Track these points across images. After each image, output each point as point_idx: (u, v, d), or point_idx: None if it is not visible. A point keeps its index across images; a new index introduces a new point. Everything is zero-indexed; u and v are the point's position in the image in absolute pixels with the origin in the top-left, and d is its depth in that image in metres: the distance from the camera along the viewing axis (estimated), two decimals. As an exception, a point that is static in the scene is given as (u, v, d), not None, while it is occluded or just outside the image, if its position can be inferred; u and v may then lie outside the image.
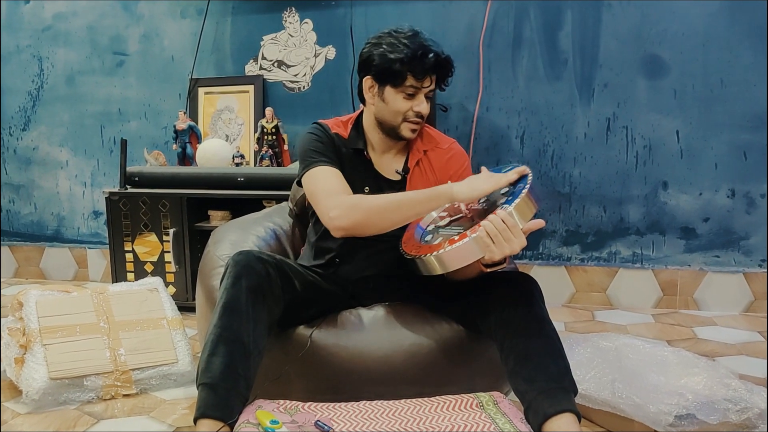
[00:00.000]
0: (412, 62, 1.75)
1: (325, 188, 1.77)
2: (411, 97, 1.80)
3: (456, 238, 1.55)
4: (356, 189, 1.83)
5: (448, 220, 1.73)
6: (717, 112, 2.99)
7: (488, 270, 1.59)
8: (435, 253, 1.55)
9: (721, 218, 3.04)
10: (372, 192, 1.85)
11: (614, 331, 2.69)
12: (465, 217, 1.71)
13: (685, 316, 3.00)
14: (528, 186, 1.55)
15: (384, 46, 1.79)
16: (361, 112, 1.95)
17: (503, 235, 1.48)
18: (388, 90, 1.80)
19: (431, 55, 1.76)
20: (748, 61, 2.93)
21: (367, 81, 1.84)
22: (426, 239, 1.69)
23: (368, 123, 1.91)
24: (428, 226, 1.76)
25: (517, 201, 1.51)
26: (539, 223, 1.54)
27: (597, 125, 3.11)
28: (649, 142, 3.07)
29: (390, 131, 1.85)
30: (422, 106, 1.80)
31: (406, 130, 1.83)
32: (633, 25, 3.02)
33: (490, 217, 1.50)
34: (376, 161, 1.92)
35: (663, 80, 3.02)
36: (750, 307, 3.03)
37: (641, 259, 3.14)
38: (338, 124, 1.94)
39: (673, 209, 3.08)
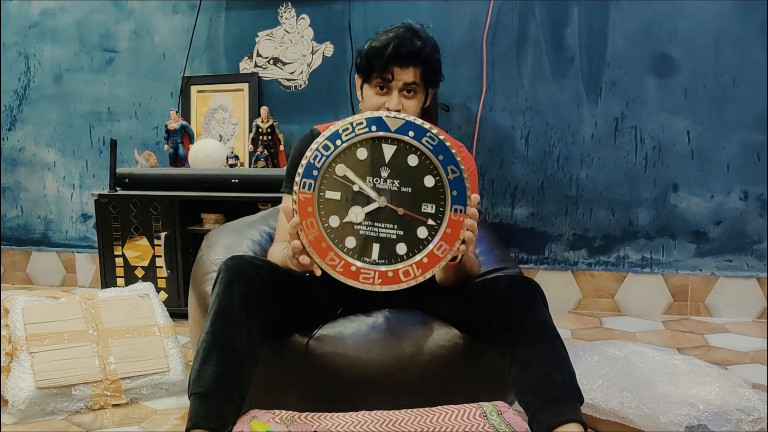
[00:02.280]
0: (374, 56, 1.79)
1: (277, 225, 1.93)
2: (383, 92, 1.82)
3: (424, 260, 1.55)
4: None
5: (362, 213, 1.55)
6: (729, 111, 2.99)
7: (456, 262, 1.63)
8: (413, 282, 1.56)
9: (733, 221, 3.04)
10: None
11: (623, 339, 2.69)
12: (380, 207, 1.56)
13: (696, 322, 3.00)
14: (464, 167, 1.55)
15: (367, 43, 1.84)
16: None
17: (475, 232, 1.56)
18: (365, 86, 1.85)
19: (390, 46, 1.76)
20: (760, 59, 2.93)
21: (357, 78, 1.90)
22: (348, 246, 1.55)
23: None
24: (337, 224, 1.55)
25: (468, 194, 1.53)
26: (476, 198, 1.58)
27: (605, 125, 3.11)
28: (659, 143, 3.07)
29: None
30: (391, 103, 1.80)
31: None
32: (642, 22, 3.02)
33: (467, 223, 1.53)
34: None
35: (673, 79, 3.03)
36: (764, 313, 3.03)
37: (651, 264, 3.14)
38: None
39: (683, 212, 3.08)
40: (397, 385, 1.74)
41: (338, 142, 1.53)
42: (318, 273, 1.54)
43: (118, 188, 3.14)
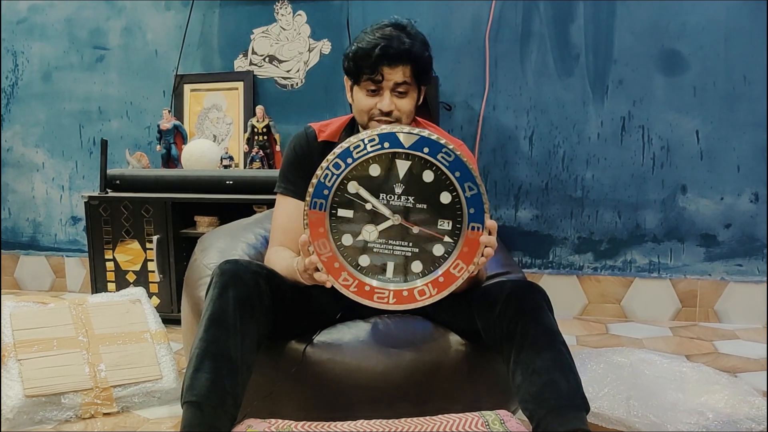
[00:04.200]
0: (361, 58, 1.78)
1: (272, 227, 1.93)
2: (374, 93, 1.81)
3: (440, 279, 1.56)
4: None
5: (376, 232, 1.55)
6: (739, 110, 2.99)
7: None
8: (428, 301, 1.57)
9: (743, 224, 3.05)
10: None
11: (629, 345, 2.69)
12: (394, 225, 1.56)
13: (705, 329, 3.00)
14: (482, 184, 1.54)
15: (353, 43, 1.83)
16: None
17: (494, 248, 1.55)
18: (355, 88, 1.85)
19: (378, 47, 1.75)
20: (772, 56, 2.94)
21: (346, 79, 1.89)
22: (362, 264, 1.56)
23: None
24: (350, 242, 1.57)
25: (486, 211, 1.53)
26: (493, 224, 1.58)
27: (611, 125, 3.12)
28: (667, 143, 3.08)
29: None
30: (383, 104, 1.80)
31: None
32: (650, 17, 3.03)
33: (484, 240, 1.53)
34: None
35: (682, 77, 3.03)
36: (775, 319, 3.04)
37: (658, 268, 3.15)
38: (331, 128, 1.95)
39: (692, 215, 3.09)
40: (396, 394, 1.75)
41: (349, 160, 1.51)
42: (328, 286, 1.56)
43: (108, 190, 3.14)
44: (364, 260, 1.56)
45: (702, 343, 2.81)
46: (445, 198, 1.54)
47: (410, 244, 1.56)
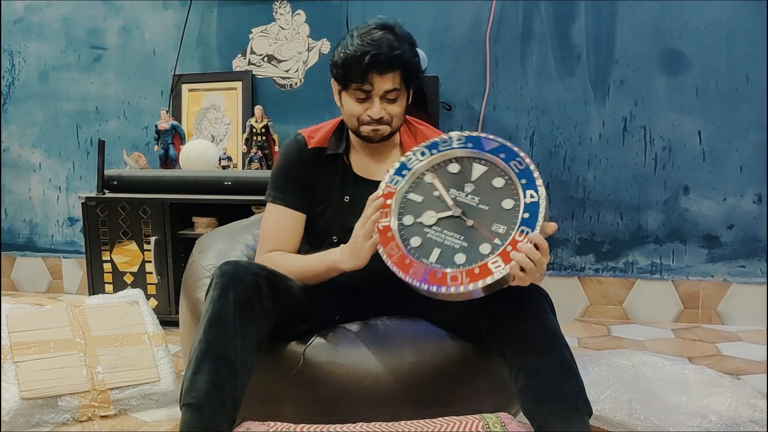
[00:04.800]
0: (349, 66, 1.75)
1: (263, 234, 1.91)
2: (363, 100, 1.80)
3: (475, 270, 1.53)
4: (335, 199, 1.89)
5: (435, 217, 1.66)
6: (742, 110, 3.00)
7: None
8: (455, 289, 1.53)
9: (746, 225, 3.05)
10: (353, 199, 1.86)
11: (631, 348, 2.69)
12: (453, 216, 1.64)
13: (707, 331, 3.01)
14: (544, 194, 1.56)
15: (339, 48, 1.80)
16: None
17: (537, 264, 1.49)
18: (344, 93, 1.83)
19: (368, 56, 1.72)
20: (775, 55, 2.94)
21: (333, 83, 1.87)
22: (412, 245, 1.64)
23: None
24: (411, 222, 1.67)
25: (540, 219, 1.52)
26: (553, 226, 1.56)
27: (613, 125, 3.12)
28: (669, 144, 3.08)
29: (356, 134, 1.87)
30: (373, 111, 1.79)
31: (366, 133, 1.83)
32: (651, 17, 3.03)
33: (522, 247, 1.49)
34: (362, 164, 1.92)
35: (684, 77, 3.04)
36: (778, 321, 3.04)
37: (660, 270, 3.15)
38: (320, 134, 1.94)
39: (694, 216, 3.09)
40: (396, 396, 1.75)
41: (434, 152, 1.70)
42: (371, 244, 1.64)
43: (106, 191, 3.14)
44: (416, 241, 1.63)
45: (704, 345, 2.81)
46: (508, 204, 1.60)
47: (461, 238, 1.60)
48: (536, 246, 1.49)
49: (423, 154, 1.70)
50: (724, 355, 2.69)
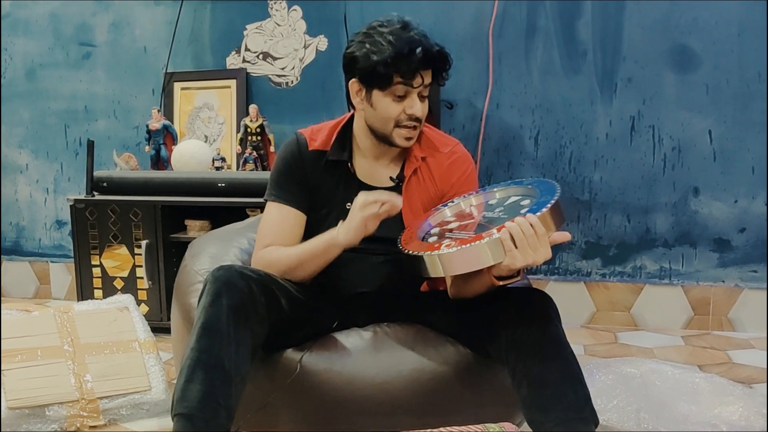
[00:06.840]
0: (398, 62, 1.74)
1: (262, 232, 1.92)
2: (402, 99, 1.79)
3: (469, 238, 1.54)
4: (338, 206, 1.88)
5: (457, 224, 1.72)
6: (754, 109, 3.00)
7: (500, 283, 1.60)
8: (442, 251, 1.53)
9: (758, 228, 3.05)
10: None
11: (639, 355, 2.69)
12: (475, 222, 1.71)
13: (718, 337, 3.01)
14: (558, 195, 1.57)
15: (368, 46, 1.78)
16: (352, 116, 1.95)
17: (529, 240, 1.48)
18: (376, 93, 1.81)
19: (419, 50, 1.74)
20: (788, 52, 2.95)
21: (354, 84, 1.85)
22: (430, 241, 1.68)
23: (359, 129, 1.92)
24: (434, 228, 1.76)
25: (548, 206, 1.52)
26: (565, 235, 1.55)
27: (620, 124, 3.12)
28: (679, 144, 3.08)
29: (383, 139, 1.86)
30: (415, 108, 1.79)
31: (399, 138, 1.83)
32: (660, 13, 3.03)
33: (517, 219, 1.50)
34: (366, 170, 1.92)
35: (694, 74, 3.04)
36: (792, 327, 3.04)
37: (669, 275, 3.15)
38: (321, 135, 1.94)
39: (705, 218, 3.09)
40: (396, 405, 1.75)
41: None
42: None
43: (95, 193, 3.14)
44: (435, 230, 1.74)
45: (715, 352, 2.81)
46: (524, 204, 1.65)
47: (471, 234, 1.61)
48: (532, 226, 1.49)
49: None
50: (736, 362, 2.69)
